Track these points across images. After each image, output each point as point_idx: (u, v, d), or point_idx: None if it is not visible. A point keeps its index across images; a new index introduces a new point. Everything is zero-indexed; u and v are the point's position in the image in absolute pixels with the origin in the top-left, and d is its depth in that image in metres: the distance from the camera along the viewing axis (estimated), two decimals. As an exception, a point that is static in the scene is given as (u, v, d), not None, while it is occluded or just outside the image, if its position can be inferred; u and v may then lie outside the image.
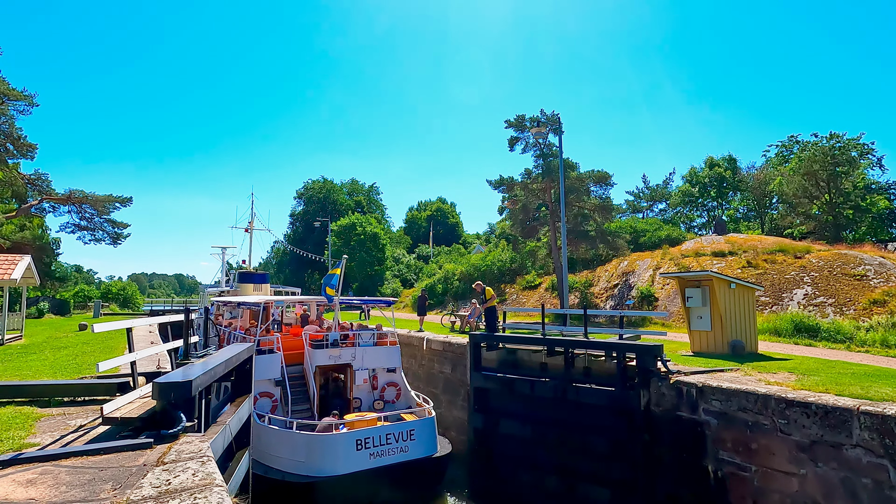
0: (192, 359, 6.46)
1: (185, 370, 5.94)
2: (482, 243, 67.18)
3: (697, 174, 37.33)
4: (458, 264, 37.34)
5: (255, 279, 25.23)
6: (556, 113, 25.34)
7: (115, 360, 5.65)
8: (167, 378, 5.46)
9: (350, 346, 14.37)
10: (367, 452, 10.89)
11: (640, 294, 24.17)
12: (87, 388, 6.70)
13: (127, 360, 5.91)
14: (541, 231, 27.26)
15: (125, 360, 5.89)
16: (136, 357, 6.04)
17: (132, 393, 5.77)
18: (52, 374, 9.26)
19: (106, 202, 36.57)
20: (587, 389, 10.27)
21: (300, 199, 75.90)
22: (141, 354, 6.18)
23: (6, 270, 15.93)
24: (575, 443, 10.38)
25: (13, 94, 29.18)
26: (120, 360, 5.78)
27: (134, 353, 6.06)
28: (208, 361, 6.29)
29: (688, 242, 28.88)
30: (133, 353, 6.08)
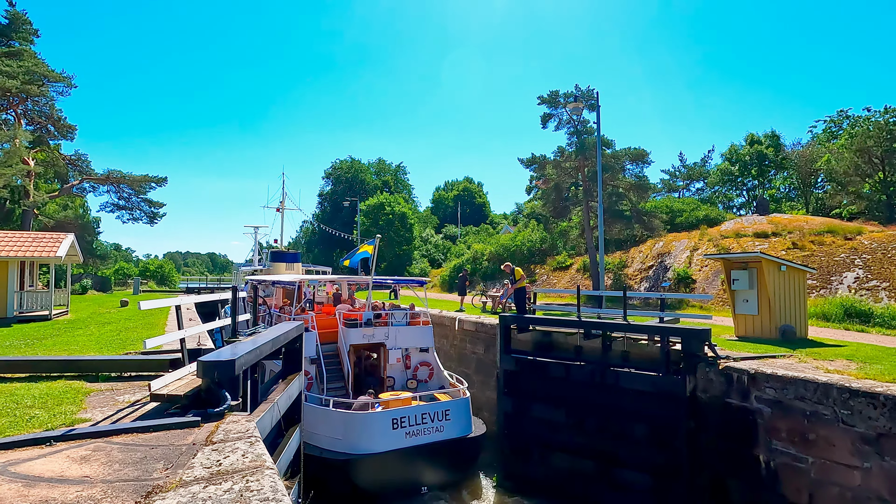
0: (240, 336, 6.43)
1: (233, 348, 5.92)
2: (509, 223, 66.52)
3: (738, 152, 35.75)
4: (487, 244, 37.01)
5: (287, 258, 25.50)
6: (592, 88, 24.50)
7: (162, 338, 5.65)
8: (212, 356, 5.43)
9: (383, 325, 14.39)
10: (403, 431, 10.92)
11: (676, 276, 23.46)
12: (141, 364, 6.78)
13: (175, 338, 5.91)
14: (573, 211, 26.64)
15: (173, 338, 5.90)
16: (185, 334, 6.04)
17: (180, 370, 5.78)
18: (98, 349, 9.48)
19: (142, 182, 37.42)
20: (627, 374, 9.97)
21: (328, 178, 76.36)
22: (190, 331, 6.17)
23: (52, 248, 16.42)
24: (613, 428, 10.13)
25: (53, 75, 29.85)
26: (167, 337, 5.78)
27: (183, 331, 6.06)
28: (255, 340, 6.26)
29: (727, 223, 27.83)
30: (182, 329, 6.07)
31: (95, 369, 6.80)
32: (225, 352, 5.71)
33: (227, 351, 5.74)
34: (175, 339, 5.97)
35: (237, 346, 5.99)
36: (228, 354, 5.47)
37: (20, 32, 29.59)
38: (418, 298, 19.98)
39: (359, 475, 10.43)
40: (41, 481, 3.56)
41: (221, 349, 5.85)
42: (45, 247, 16.41)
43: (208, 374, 5.20)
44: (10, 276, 15.61)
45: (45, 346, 9.94)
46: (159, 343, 5.59)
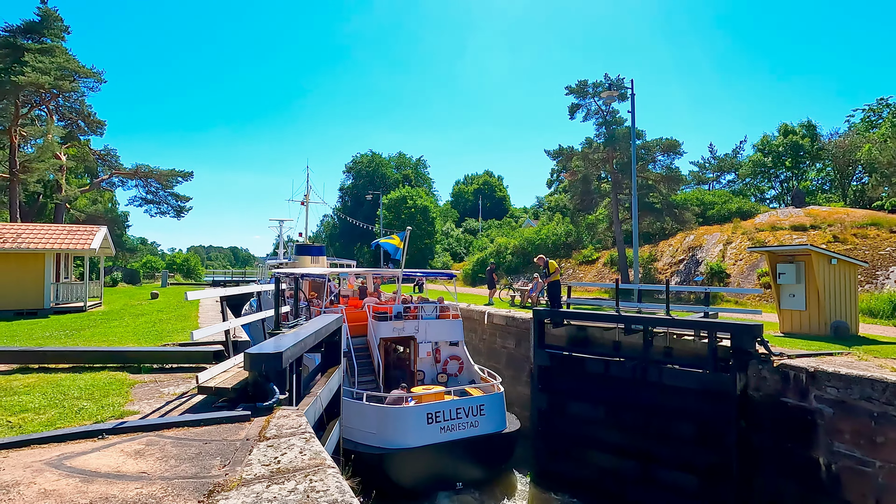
0: (283, 329, 6.29)
1: (277, 341, 5.78)
2: (530, 217, 65.87)
3: (771, 142, 34.58)
4: (511, 238, 36.60)
5: (312, 251, 25.57)
6: (622, 77, 23.87)
7: (208, 329, 5.54)
8: (259, 349, 5.29)
9: (413, 318, 14.24)
10: (438, 426, 10.74)
11: (709, 270, 22.81)
12: (185, 356, 6.70)
13: (220, 329, 5.79)
14: (601, 203, 26.09)
15: (219, 329, 5.78)
16: (230, 325, 5.91)
17: (225, 363, 5.66)
18: (136, 340, 9.50)
19: (169, 176, 37.93)
20: (671, 370, 9.60)
21: (349, 173, 76.59)
22: (235, 323, 6.05)
23: (86, 240, 16.64)
24: (656, 426, 9.79)
25: (83, 71, 30.33)
26: (213, 328, 5.66)
27: (228, 322, 5.94)
28: (298, 333, 6.12)
29: (761, 215, 26.94)
30: (227, 321, 5.95)
31: (139, 360, 6.75)
32: (270, 344, 5.58)
33: (273, 343, 5.61)
34: (220, 330, 5.84)
35: (282, 339, 5.85)
36: (275, 347, 5.33)
37: (52, 29, 30.09)
38: (444, 292, 19.82)
39: (393, 470, 10.30)
40: (98, 476, 3.44)
41: (266, 342, 5.72)
42: (79, 239, 16.64)
43: (256, 366, 5.06)
44: (47, 268, 15.87)
45: (84, 337, 10.00)
46: (207, 334, 5.47)
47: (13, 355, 6.54)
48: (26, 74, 25.61)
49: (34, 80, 25.62)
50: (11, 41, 28.45)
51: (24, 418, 4.75)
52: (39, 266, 15.83)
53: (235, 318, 6.49)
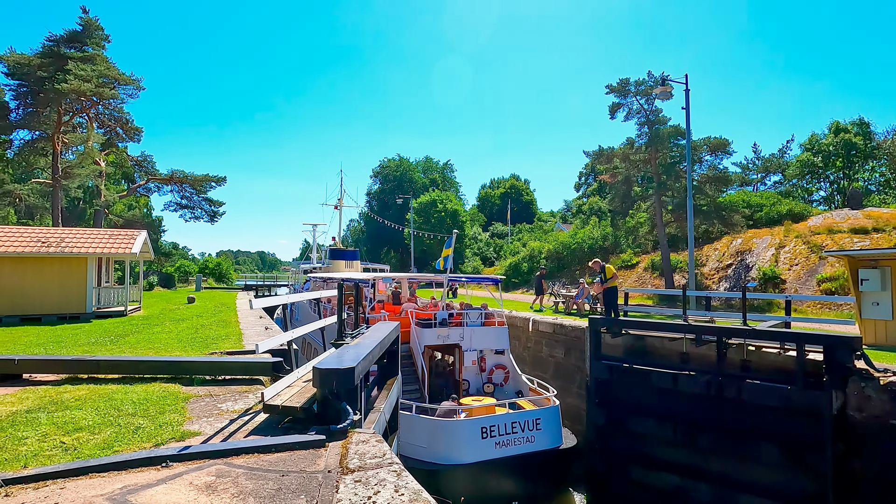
0: (346, 339, 5.78)
1: (341, 354, 5.26)
2: (558, 220, 64.68)
3: (820, 141, 32.90)
4: (545, 242, 35.72)
5: (346, 256, 25.27)
6: (666, 74, 22.91)
7: (276, 339, 5.05)
8: (329, 363, 4.77)
9: (458, 325, 13.67)
10: (493, 441, 10.11)
11: (762, 275, 21.60)
12: (243, 367, 6.26)
13: (285, 339, 5.31)
14: (643, 206, 25.08)
15: (283, 339, 5.30)
16: (293, 335, 5.43)
17: (289, 377, 5.17)
18: (181, 347, 9.17)
19: (203, 181, 38.35)
20: (753, 386, 8.76)
21: (376, 177, 76.69)
22: (296, 333, 5.57)
23: (127, 244, 16.61)
24: (733, 447, 8.95)
25: (123, 78, 30.87)
26: (278, 338, 5.17)
27: (290, 332, 5.45)
28: (364, 343, 5.60)
29: (814, 218, 25.52)
30: (289, 332, 5.47)
31: (193, 371, 6.33)
32: (337, 358, 5.06)
33: (338, 357, 5.08)
34: (285, 340, 5.36)
35: (348, 351, 5.32)
36: (346, 361, 4.80)
37: (93, 38, 30.74)
38: (488, 298, 19.15)
39: (445, 487, 9.69)
40: (170, 519, 2.95)
41: (330, 354, 5.20)
42: (120, 243, 16.61)
43: (326, 383, 4.54)
44: (90, 272, 15.85)
45: (130, 344, 9.72)
46: (273, 345, 4.99)
47: (65, 365, 6.20)
48: (69, 82, 26.11)
49: (76, 88, 26.09)
50: (55, 50, 29.13)
51: (79, 438, 4.33)
52: (82, 270, 15.82)
53: (305, 327, 5.99)
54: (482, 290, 15.77)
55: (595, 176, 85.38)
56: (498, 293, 14.87)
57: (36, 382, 6.37)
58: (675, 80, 14.88)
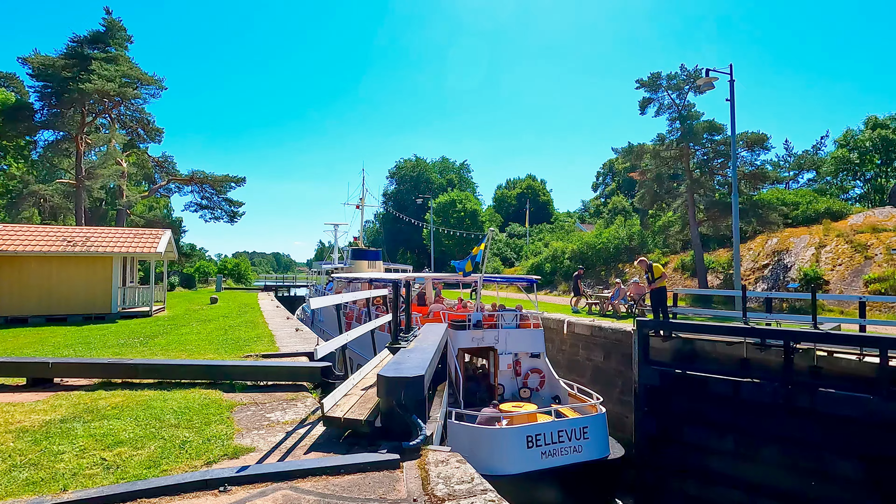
0: (401, 343, 5.27)
1: (402, 359, 4.75)
2: (577, 221, 63.69)
3: (856, 137, 31.71)
4: (569, 242, 34.98)
5: (368, 256, 24.89)
6: (700, 68, 22.13)
7: (331, 343, 4.57)
8: (395, 370, 4.26)
9: (493, 327, 13.13)
10: (539, 451, 9.53)
11: (803, 276, 20.67)
12: (290, 373, 5.79)
13: (341, 342, 4.83)
14: (674, 204, 24.28)
15: (340, 342, 4.81)
16: (347, 339, 4.94)
17: (345, 384, 4.66)
18: (213, 349, 8.75)
19: (223, 182, 38.29)
20: (828, 395, 8.07)
21: (392, 178, 76.53)
22: (352, 335, 5.08)
23: (152, 244, 16.36)
24: (806, 463, 8.26)
25: (146, 78, 30.89)
26: (335, 342, 4.69)
27: (345, 335, 4.96)
28: (422, 347, 5.10)
29: (854, 216, 24.46)
30: (344, 334, 4.97)
31: (233, 376, 5.87)
32: (398, 364, 4.54)
33: (397, 364, 4.57)
34: (341, 344, 4.86)
35: (410, 356, 4.81)
36: (413, 367, 4.29)
37: (116, 39, 30.82)
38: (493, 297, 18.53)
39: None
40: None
41: (391, 360, 4.70)
42: (145, 243, 16.37)
43: (393, 393, 4.03)
44: (115, 271, 15.62)
45: (160, 346, 9.34)
46: (330, 349, 4.50)
47: (102, 368, 5.79)
48: (93, 82, 26.12)
49: (100, 88, 26.08)
50: (78, 51, 29.22)
51: (121, 454, 3.87)
52: (107, 270, 15.59)
53: (358, 329, 5.51)
54: (503, 290, 15.17)
55: (613, 175, 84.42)
56: (533, 294, 14.26)
57: (67, 387, 5.97)
58: (719, 71, 14.16)
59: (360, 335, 5.62)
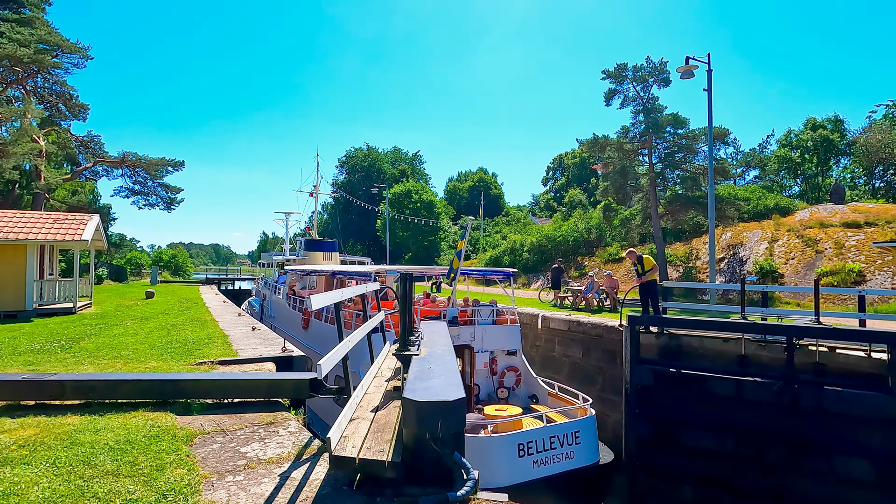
0: (410, 349, 4.22)
1: (421, 373, 3.69)
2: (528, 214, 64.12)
3: (798, 137, 33.26)
4: (527, 234, 34.69)
5: (324, 247, 23.34)
6: (665, 60, 22.14)
7: (334, 354, 3.44)
8: (425, 393, 3.19)
9: (468, 324, 12.26)
10: (531, 460, 8.73)
11: (759, 269, 21.18)
12: (271, 387, 4.57)
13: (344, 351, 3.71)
14: (635, 197, 24.29)
15: (342, 353, 3.69)
16: (349, 345, 3.83)
17: (347, 407, 3.55)
18: (157, 355, 7.29)
19: (159, 165, 35.11)
20: (835, 393, 7.73)
21: (342, 167, 74.01)
22: (354, 338, 3.97)
23: (76, 230, 14.22)
24: (813, 464, 7.92)
25: (67, 45, 27.49)
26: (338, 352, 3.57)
27: (346, 341, 3.84)
28: (439, 355, 4.07)
29: (801, 212, 25.50)
30: (346, 339, 3.85)
31: (197, 393, 4.60)
32: (424, 381, 3.50)
33: (422, 381, 3.52)
34: (344, 353, 3.75)
35: (431, 369, 3.76)
36: (446, 387, 3.25)
37: (31, 0, 27.24)
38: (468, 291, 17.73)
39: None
40: None
41: (415, 376, 3.64)
42: (68, 229, 14.19)
43: (427, 423, 2.97)
44: (30, 262, 13.42)
45: (88, 351, 7.74)
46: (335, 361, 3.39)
47: (7, 388, 4.34)
48: (3, 46, 22.83)
49: (11, 53, 22.86)
50: (-15, 11, 25.56)
51: (30, 530, 2.61)
52: (20, 260, 13.38)
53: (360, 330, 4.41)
54: (508, 286, 14.37)
55: (563, 170, 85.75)
56: (510, 288, 13.48)
57: (-42, 413, 4.49)
58: (697, 59, 13.87)
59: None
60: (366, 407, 4.10)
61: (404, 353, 4.16)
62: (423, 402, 2.99)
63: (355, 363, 11.14)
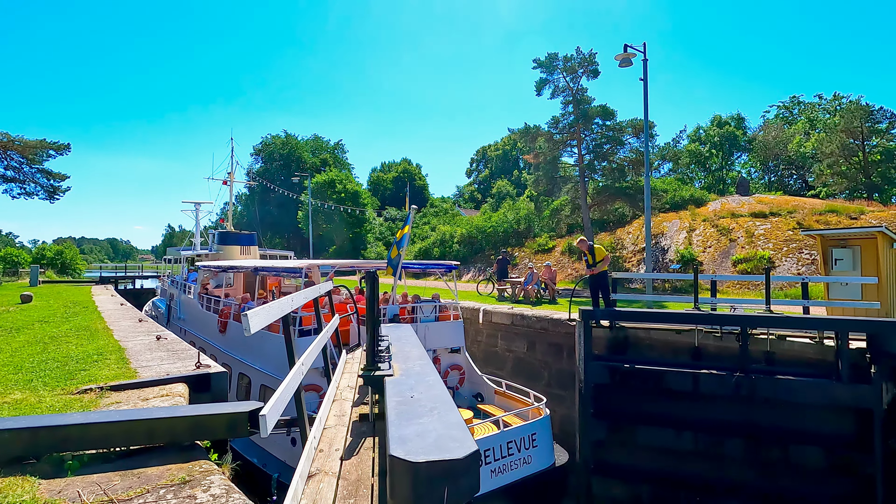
0: (380, 366, 3.23)
1: (407, 409, 2.71)
2: (453, 206, 64.02)
3: (707, 132, 35.57)
4: (457, 226, 34.23)
5: (241, 240, 21.21)
6: (595, 52, 22.35)
7: (283, 393, 2.36)
8: (424, 448, 2.23)
9: (409, 321, 11.36)
10: (488, 469, 8.02)
11: (680, 257, 22.14)
12: (195, 426, 3.30)
13: (295, 385, 2.63)
14: (564, 188, 24.54)
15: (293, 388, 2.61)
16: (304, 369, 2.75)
17: (306, 451, 2.49)
18: (23, 381, 5.63)
19: (38, 149, 30.45)
20: (789, 383, 7.72)
21: (258, 156, 69.58)
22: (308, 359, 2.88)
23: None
24: (770, 454, 7.89)
25: None
26: (286, 388, 2.49)
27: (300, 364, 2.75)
28: (421, 375, 3.11)
29: (713, 203, 27.13)
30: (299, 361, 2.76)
31: (83, 443, 3.28)
32: (418, 423, 2.53)
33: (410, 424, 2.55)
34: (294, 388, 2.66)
35: (418, 399, 2.80)
36: (451, 437, 2.30)
37: None
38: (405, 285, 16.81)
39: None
40: None
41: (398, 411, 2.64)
42: None
43: (429, 496, 2.04)
44: None
45: (-78, 381, 5.86)
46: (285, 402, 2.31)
47: None
48: None
49: None
50: None
51: None
52: None
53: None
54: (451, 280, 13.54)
55: (486, 162, 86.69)
56: (453, 282, 12.69)
57: None
58: (633, 48, 13.81)
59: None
60: (327, 451, 3.07)
61: (374, 375, 3.16)
62: (422, 463, 2.02)
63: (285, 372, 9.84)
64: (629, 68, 14.39)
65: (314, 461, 2.99)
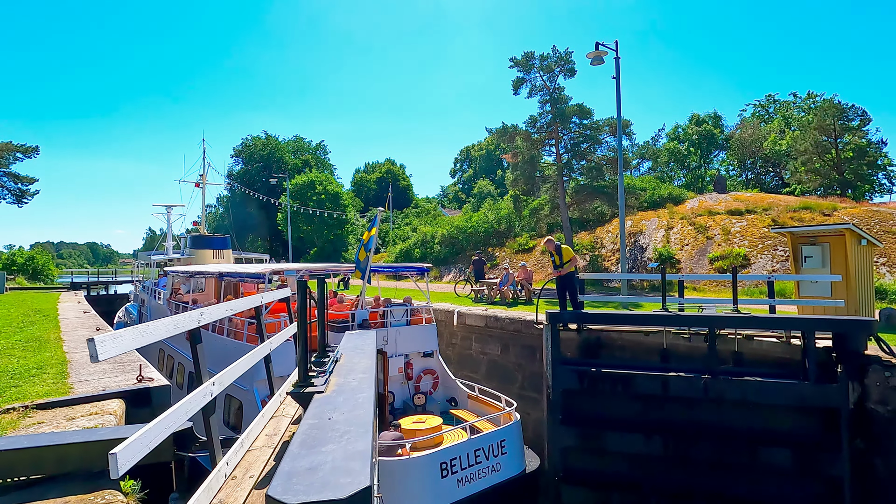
0: (315, 382, 2.99)
1: (311, 435, 2.44)
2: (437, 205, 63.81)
3: (685, 131, 35.85)
4: (437, 226, 33.98)
5: (214, 244, 20.73)
6: (571, 50, 22.28)
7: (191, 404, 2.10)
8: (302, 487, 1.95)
9: (380, 326, 11.10)
10: (455, 479, 7.79)
11: (658, 256, 22.17)
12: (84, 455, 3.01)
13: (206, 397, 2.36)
14: (543, 187, 24.43)
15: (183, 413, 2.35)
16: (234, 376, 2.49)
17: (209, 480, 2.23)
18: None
19: (5, 151, 29.55)
20: (758, 384, 7.62)
21: (238, 157, 68.48)
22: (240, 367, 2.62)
23: None
24: (738, 457, 7.77)
25: None
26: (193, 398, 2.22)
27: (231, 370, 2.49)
28: (349, 392, 2.86)
29: (691, 201, 27.28)
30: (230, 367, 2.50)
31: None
32: (312, 454, 2.26)
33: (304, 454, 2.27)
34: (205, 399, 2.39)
35: (331, 421, 2.54)
36: (337, 472, 2.02)
37: None
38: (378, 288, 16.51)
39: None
40: None
41: (301, 440, 2.38)
42: None
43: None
44: None
45: None
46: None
47: None
48: None
49: None
50: None
51: None
52: None
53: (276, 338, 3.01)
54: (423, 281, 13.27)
55: (470, 162, 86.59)
56: (424, 284, 12.45)
57: None
58: (606, 46, 13.71)
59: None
60: (240, 478, 2.81)
61: (303, 392, 2.89)
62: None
63: (248, 383, 9.49)
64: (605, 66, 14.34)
65: (221, 490, 2.73)
